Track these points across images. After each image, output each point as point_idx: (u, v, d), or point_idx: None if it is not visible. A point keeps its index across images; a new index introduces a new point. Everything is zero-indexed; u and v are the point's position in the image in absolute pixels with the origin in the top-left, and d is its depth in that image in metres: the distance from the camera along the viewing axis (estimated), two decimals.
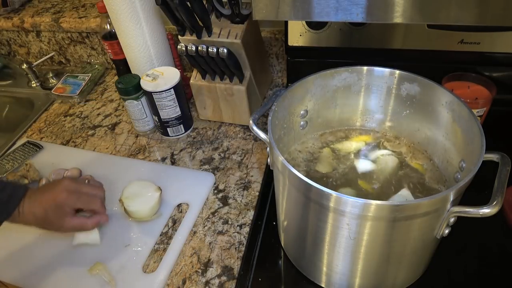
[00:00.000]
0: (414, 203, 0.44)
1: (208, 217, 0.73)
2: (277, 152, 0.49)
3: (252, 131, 0.54)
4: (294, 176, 0.46)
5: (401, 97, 0.63)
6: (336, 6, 0.50)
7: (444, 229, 0.48)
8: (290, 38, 0.82)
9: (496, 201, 0.44)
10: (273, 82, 1.04)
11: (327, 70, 0.61)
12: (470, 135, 0.51)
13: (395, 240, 0.49)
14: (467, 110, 0.52)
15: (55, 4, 1.23)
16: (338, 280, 0.57)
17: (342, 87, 0.64)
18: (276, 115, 0.55)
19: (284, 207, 0.58)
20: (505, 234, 0.64)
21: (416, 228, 0.47)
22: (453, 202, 0.46)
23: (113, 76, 1.17)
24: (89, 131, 0.97)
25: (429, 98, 0.59)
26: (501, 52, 0.75)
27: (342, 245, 0.51)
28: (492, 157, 0.49)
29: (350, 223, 0.46)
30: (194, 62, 0.81)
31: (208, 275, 0.64)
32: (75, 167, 0.83)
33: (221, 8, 0.78)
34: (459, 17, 0.47)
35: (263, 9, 0.53)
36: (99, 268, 0.64)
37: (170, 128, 0.89)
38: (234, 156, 0.85)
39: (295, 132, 0.65)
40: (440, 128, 0.59)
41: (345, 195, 0.43)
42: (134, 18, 0.85)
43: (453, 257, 0.62)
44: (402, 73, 0.60)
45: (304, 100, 0.63)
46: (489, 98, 0.75)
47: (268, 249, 0.66)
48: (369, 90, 0.64)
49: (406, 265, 0.55)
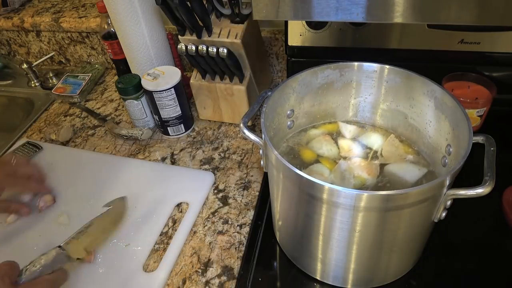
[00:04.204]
0: (414, 190, 0.44)
1: (208, 217, 0.73)
2: (271, 148, 0.49)
3: (244, 135, 0.55)
4: (288, 170, 0.47)
5: (382, 89, 0.64)
6: (336, 6, 0.50)
7: (442, 212, 0.50)
8: (290, 38, 0.82)
9: (488, 180, 0.45)
10: (273, 82, 1.04)
11: (310, 68, 0.62)
12: (455, 120, 0.53)
13: (392, 228, 0.49)
14: (449, 97, 0.54)
15: (55, 4, 1.23)
16: (332, 272, 0.58)
17: (325, 84, 0.65)
18: (267, 117, 0.56)
19: (279, 202, 0.58)
20: (505, 234, 0.64)
21: (417, 214, 0.48)
22: (449, 186, 0.47)
23: (113, 76, 1.17)
24: (89, 131, 0.97)
25: (411, 88, 0.60)
26: (501, 52, 0.75)
27: (335, 237, 0.51)
28: (477, 139, 0.52)
29: (344, 214, 0.47)
30: (194, 62, 0.81)
31: (208, 275, 0.64)
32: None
33: (221, 8, 0.78)
34: (459, 17, 0.47)
35: (263, 9, 0.53)
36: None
37: (171, 128, 0.89)
38: (234, 156, 0.85)
39: (283, 133, 0.67)
40: (424, 116, 0.61)
41: (338, 186, 0.44)
42: (134, 18, 0.85)
43: (453, 257, 0.62)
44: (382, 66, 0.62)
45: (290, 100, 0.64)
46: (489, 98, 0.75)
47: (268, 249, 0.66)
48: (351, 85, 0.66)
49: (402, 253, 0.56)
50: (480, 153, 0.50)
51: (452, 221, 0.58)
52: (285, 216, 0.59)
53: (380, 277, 0.59)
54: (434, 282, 0.60)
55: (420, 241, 0.56)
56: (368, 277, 0.58)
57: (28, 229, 0.73)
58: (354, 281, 0.58)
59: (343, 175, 0.61)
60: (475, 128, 0.79)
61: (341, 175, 0.61)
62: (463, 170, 0.47)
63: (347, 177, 0.60)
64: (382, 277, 0.59)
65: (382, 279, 0.59)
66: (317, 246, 0.55)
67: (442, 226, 0.58)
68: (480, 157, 0.49)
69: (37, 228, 0.73)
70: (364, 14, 0.49)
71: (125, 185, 0.79)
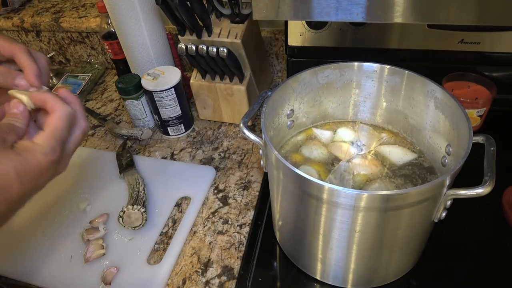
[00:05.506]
0: (414, 190, 0.44)
1: (208, 217, 0.73)
2: (271, 148, 0.49)
3: (244, 134, 0.55)
4: (288, 170, 0.47)
5: (382, 89, 0.64)
6: (336, 6, 0.50)
7: (442, 212, 0.50)
8: (290, 38, 0.82)
9: (488, 180, 0.45)
10: (273, 82, 1.04)
11: (310, 68, 0.62)
12: (455, 120, 0.53)
13: (392, 228, 0.49)
14: (449, 97, 0.54)
15: (55, 4, 1.23)
16: (332, 272, 0.58)
17: (325, 84, 0.65)
18: (267, 117, 0.56)
19: (279, 202, 0.58)
20: (505, 234, 0.64)
21: (417, 214, 0.48)
22: (449, 186, 0.47)
23: (113, 76, 1.17)
24: (89, 131, 0.97)
25: (411, 88, 0.61)
26: (501, 52, 0.75)
27: (335, 237, 0.51)
28: (477, 139, 0.52)
29: (344, 214, 0.47)
30: (194, 62, 0.81)
31: (208, 275, 0.64)
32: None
33: (221, 8, 0.78)
34: (459, 17, 0.47)
35: (263, 9, 0.53)
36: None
37: (171, 128, 0.89)
38: (234, 156, 0.85)
39: (283, 133, 0.67)
40: (424, 116, 0.61)
41: (338, 187, 0.44)
42: (134, 18, 0.85)
43: (453, 257, 0.62)
44: (382, 66, 0.62)
45: (290, 100, 0.64)
46: (489, 98, 0.75)
47: (268, 249, 0.66)
48: (351, 85, 0.66)
49: (402, 253, 0.56)
50: (480, 153, 0.50)
51: (452, 221, 0.58)
52: (285, 216, 0.59)
53: (380, 277, 0.59)
54: (434, 282, 0.60)
55: (420, 241, 0.56)
56: (368, 277, 0.58)
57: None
58: (354, 281, 0.58)
59: (343, 176, 0.61)
60: (475, 128, 0.79)
61: (341, 176, 0.61)
62: (463, 170, 0.47)
63: (346, 178, 0.60)
64: (382, 277, 0.59)
65: (382, 279, 0.59)
66: (317, 246, 0.55)
67: (442, 226, 0.58)
68: (480, 157, 0.49)
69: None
70: (364, 14, 0.49)
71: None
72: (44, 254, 0.68)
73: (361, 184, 0.59)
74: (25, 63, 0.47)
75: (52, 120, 0.45)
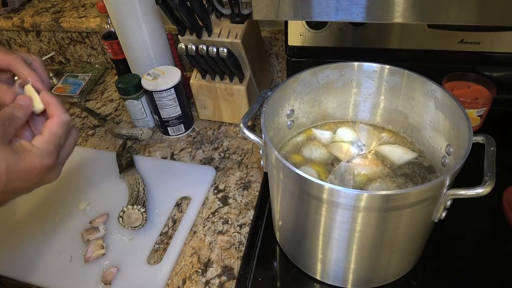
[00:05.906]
0: (414, 190, 0.44)
1: (208, 217, 0.73)
2: (271, 148, 0.49)
3: (244, 134, 0.55)
4: (288, 170, 0.47)
5: (382, 89, 0.64)
6: (336, 6, 0.50)
7: (442, 212, 0.50)
8: (290, 38, 0.82)
9: (488, 180, 0.45)
10: (273, 82, 1.04)
11: (310, 68, 0.62)
12: (455, 120, 0.53)
13: (392, 228, 0.49)
14: (449, 97, 0.54)
15: (55, 4, 1.23)
16: (332, 272, 0.58)
17: (325, 84, 0.65)
18: (267, 117, 0.56)
19: (279, 202, 0.58)
20: (505, 234, 0.64)
21: (417, 214, 0.48)
22: (449, 186, 0.47)
23: (113, 76, 1.17)
24: (89, 131, 0.97)
25: (411, 88, 0.61)
26: (501, 52, 0.75)
27: (335, 237, 0.51)
28: (477, 139, 0.52)
29: (344, 214, 0.47)
30: (194, 62, 0.81)
31: (208, 275, 0.64)
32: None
33: (221, 8, 0.78)
34: (459, 17, 0.47)
35: (263, 9, 0.53)
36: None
37: (171, 128, 0.89)
38: (234, 156, 0.85)
39: (283, 133, 0.67)
40: (424, 116, 0.61)
41: (338, 186, 0.44)
42: (134, 18, 0.85)
43: (453, 257, 0.62)
44: (382, 66, 0.62)
45: (290, 100, 0.64)
46: (489, 98, 0.75)
47: (268, 249, 0.66)
48: (351, 85, 0.66)
49: (402, 253, 0.56)
50: (480, 153, 0.50)
51: (452, 221, 0.58)
52: (285, 216, 0.59)
53: (380, 277, 0.59)
54: (434, 282, 0.60)
55: (420, 241, 0.56)
56: (368, 277, 0.58)
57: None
58: (354, 281, 0.58)
59: (343, 176, 0.61)
60: (475, 128, 0.79)
61: (341, 176, 0.61)
62: (463, 170, 0.47)
63: (347, 178, 0.60)
64: (382, 277, 0.59)
65: (382, 279, 0.59)
66: (317, 246, 0.55)
67: (442, 226, 0.58)
68: (480, 157, 0.49)
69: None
70: (364, 14, 0.49)
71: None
72: (44, 254, 0.68)
73: (362, 184, 0.59)
74: (25, 74, 0.48)
75: (52, 126, 0.45)
